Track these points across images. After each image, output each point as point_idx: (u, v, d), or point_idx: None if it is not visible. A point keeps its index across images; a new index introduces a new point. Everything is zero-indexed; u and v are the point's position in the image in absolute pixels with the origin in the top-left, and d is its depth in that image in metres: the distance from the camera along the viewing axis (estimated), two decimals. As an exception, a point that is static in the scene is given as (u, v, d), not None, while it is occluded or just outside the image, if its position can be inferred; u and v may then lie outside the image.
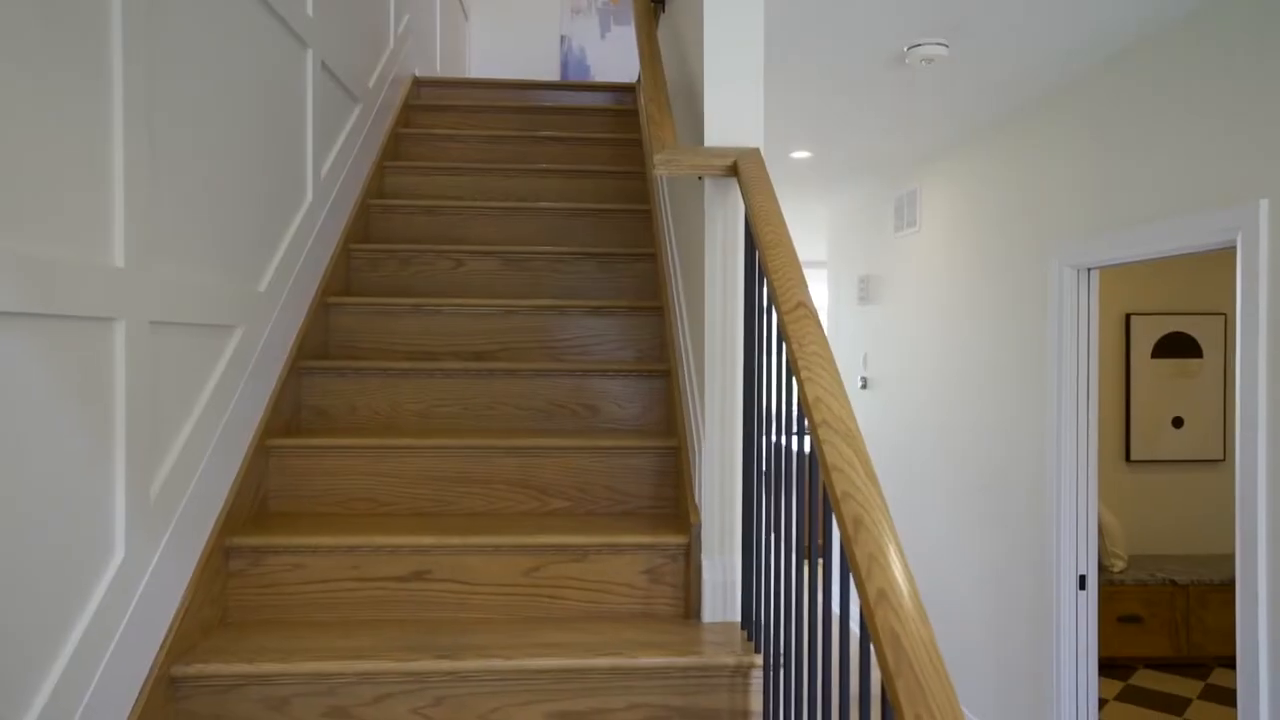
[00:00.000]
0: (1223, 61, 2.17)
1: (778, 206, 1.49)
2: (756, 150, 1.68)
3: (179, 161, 1.61)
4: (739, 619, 1.78)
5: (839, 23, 2.40)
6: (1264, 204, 2.00)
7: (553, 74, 5.71)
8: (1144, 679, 4.30)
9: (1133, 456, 4.91)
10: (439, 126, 3.57)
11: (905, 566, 0.91)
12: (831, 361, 1.17)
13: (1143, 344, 4.91)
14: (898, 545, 0.93)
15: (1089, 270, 2.79)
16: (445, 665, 1.58)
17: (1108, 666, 4.46)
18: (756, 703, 1.63)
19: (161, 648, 1.53)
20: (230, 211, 1.84)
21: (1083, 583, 2.84)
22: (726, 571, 1.79)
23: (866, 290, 4.95)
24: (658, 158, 1.67)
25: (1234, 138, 2.12)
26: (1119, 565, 4.57)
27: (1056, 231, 2.90)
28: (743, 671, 1.63)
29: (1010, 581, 3.21)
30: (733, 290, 1.76)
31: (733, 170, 1.67)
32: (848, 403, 1.11)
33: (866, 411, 4.97)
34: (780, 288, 1.30)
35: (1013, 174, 3.22)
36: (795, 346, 1.20)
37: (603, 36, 5.73)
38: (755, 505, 1.61)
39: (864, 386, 5.00)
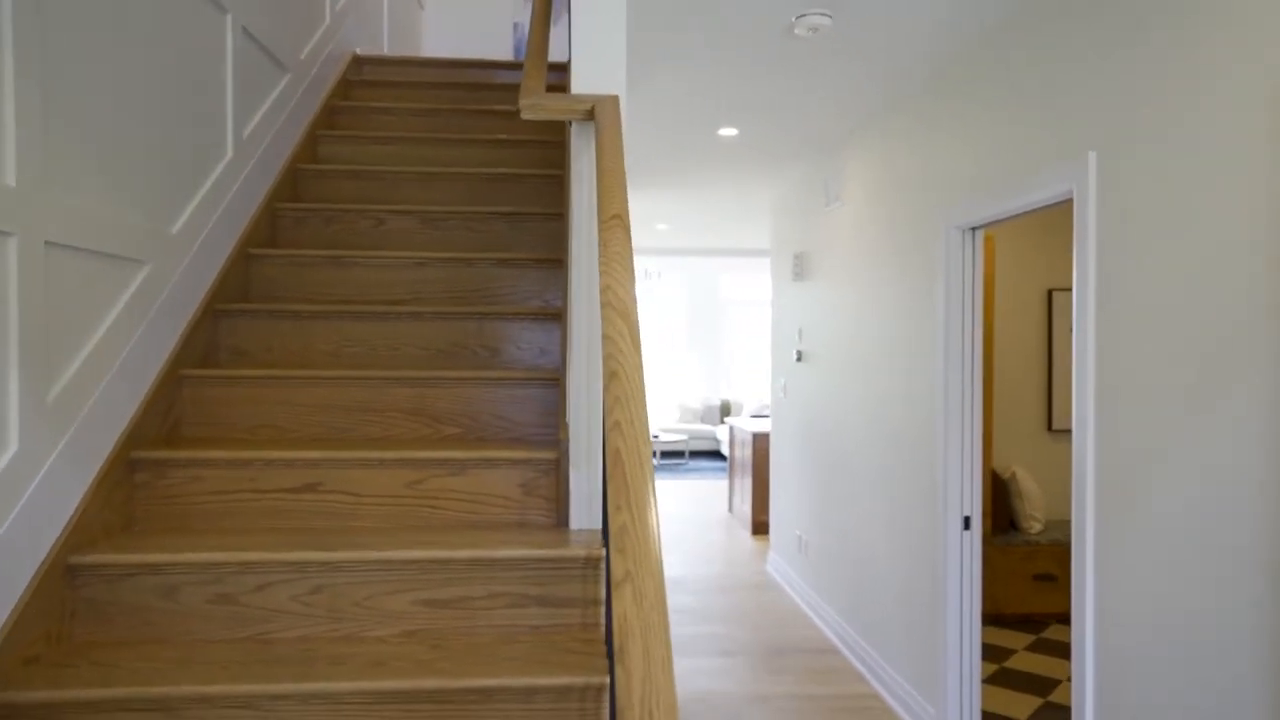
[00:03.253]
0: (1071, 27, 2.36)
1: (619, 141, 1.66)
2: (615, 97, 1.86)
3: (77, 99, 1.77)
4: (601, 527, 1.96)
5: (727, -6, 2.58)
6: (1092, 156, 2.20)
7: (505, 58, 5.86)
8: (1056, 632, 4.51)
9: (1054, 426, 5.13)
10: (375, 100, 3.73)
11: (643, 411, 1.09)
12: (628, 260, 1.34)
13: (1064, 319, 5.13)
14: (642, 396, 1.11)
15: (973, 230, 2.98)
16: (322, 556, 1.75)
17: (1024, 622, 4.68)
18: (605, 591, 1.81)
19: (59, 540, 1.69)
20: (137, 153, 2.00)
21: (967, 523, 3.03)
22: (591, 483, 1.96)
23: (800, 267, 5.15)
24: (524, 102, 1.85)
25: (1075, 98, 2.32)
26: (1036, 527, 4.79)
27: (947, 196, 3.09)
28: (593, 563, 1.81)
29: (915, 536, 3.41)
30: (594, 223, 1.93)
31: (591, 114, 1.85)
32: (632, 291, 1.28)
33: (802, 384, 5.16)
34: (603, 203, 1.48)
35: (914, 145, 3.42)
36: (603, 248, 1.37)
37: (555, 23, 5.89)
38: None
39: (799, 360, 5.19)
